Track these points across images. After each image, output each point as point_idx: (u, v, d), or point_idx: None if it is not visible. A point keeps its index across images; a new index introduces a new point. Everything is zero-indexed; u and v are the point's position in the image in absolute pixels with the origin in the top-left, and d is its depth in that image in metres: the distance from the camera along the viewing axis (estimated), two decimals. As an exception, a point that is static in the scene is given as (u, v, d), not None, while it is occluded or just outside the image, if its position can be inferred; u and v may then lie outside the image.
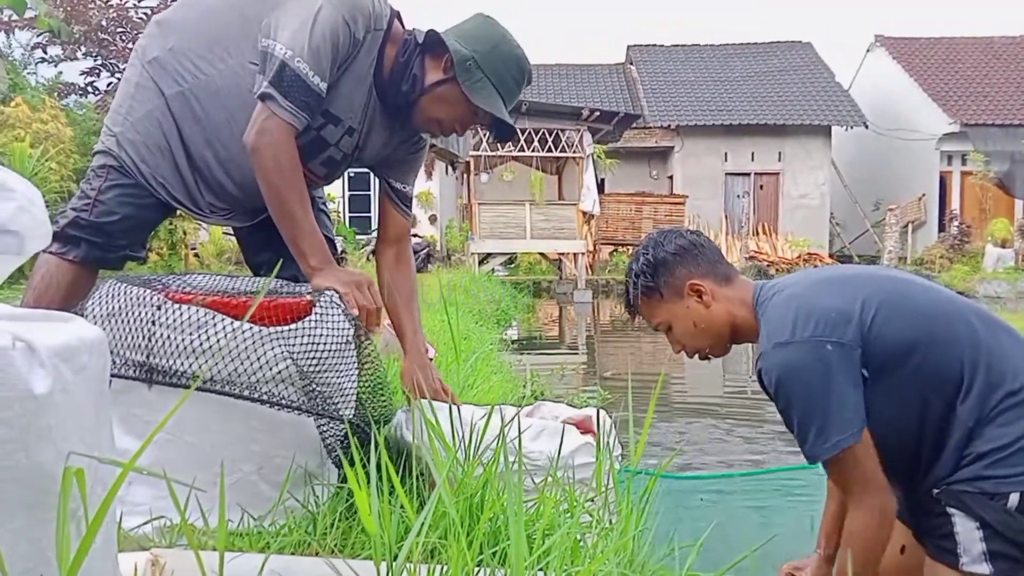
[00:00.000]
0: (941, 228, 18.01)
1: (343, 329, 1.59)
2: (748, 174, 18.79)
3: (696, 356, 1.75)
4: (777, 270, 15.61)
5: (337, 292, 1.58)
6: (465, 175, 15.58)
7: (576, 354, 9.19)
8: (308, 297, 1.54)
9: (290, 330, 1.46)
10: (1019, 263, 15.26)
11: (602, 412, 1.98)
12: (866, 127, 18.27)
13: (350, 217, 17.46)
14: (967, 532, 1.47)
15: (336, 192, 16.68)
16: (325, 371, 1.54)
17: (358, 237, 14.83)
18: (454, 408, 1.66)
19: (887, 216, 17.17)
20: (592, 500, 1.51)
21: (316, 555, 1.33)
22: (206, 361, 1.40)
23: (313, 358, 1.50)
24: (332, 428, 1.58)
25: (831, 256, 17.41)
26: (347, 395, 1.62)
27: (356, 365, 1.66)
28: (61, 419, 0.72)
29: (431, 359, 4.08)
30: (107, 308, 1.45)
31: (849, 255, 17.92)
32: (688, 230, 1.75)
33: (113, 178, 1.82)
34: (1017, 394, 1.45)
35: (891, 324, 1.49)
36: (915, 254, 17.23)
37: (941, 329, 1.50)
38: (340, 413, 1.58)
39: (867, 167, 19.73)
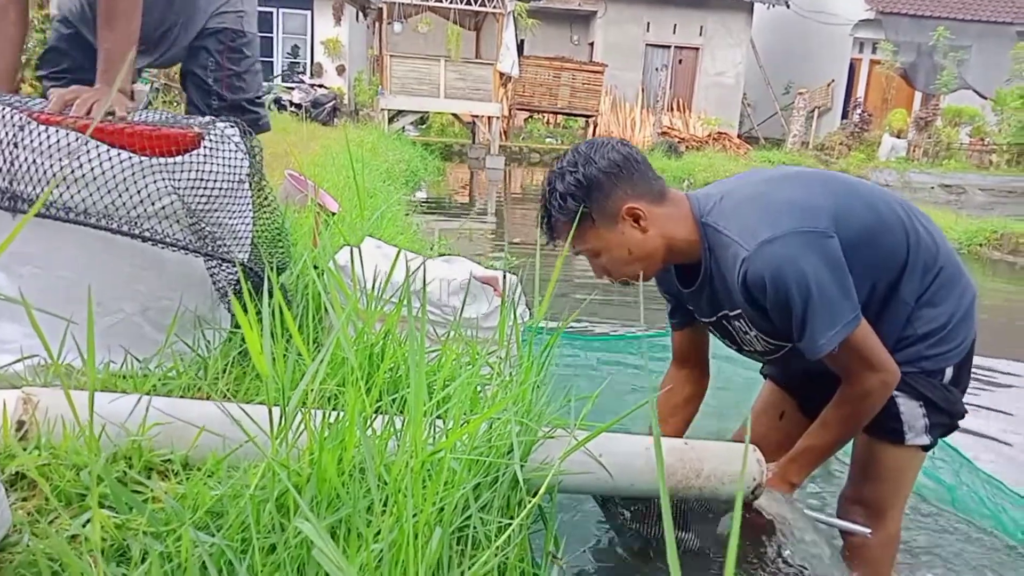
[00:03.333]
0: (844, 115, 18.50)
1: (236, 167, 1.48)
2: (668, 47, 18.53)
3: (615, 281, 1.61)
4: (687, 147, 15.79)
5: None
6: (377, 23, 14.63)
7: (485, 220, 9.15)
8: (196, 129, 1.41)
9: (175, 163, 1.34)
10: (910, 154, 16.00)
11: (509, 275, 1.97)
12: (788, 6, 18.19)
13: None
14: (911, 410, 1.56)
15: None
16: (215, 210, 1.44)
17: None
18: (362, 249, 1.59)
19: (796, 100, 17.45)
20: (493, 353, 1.52)
21: (207, 398, 1.29)
22: (78, 192, 1.27)
23: (202, 195, 1.40)
24: (224, 271, 1.49)
25: (739, 136, 17.71)
26: (240, 238, 1.53)
27: (251, 208, 1.56)
28: None
29: (333, 214, 3.96)
30: (-42, 125, 1.28)
31: (756, 137, 18.28)
32: (620, 141, 1.54)
33: None
34: (945, 269, 1.54)
35: (849, 213, 1.48)
36: (817, 139, 17.74)
37: (886, 216, 1.52)
38: (232, 256, 1.49)
39: (782, 49, 19.79)
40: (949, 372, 1.57)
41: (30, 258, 1.30)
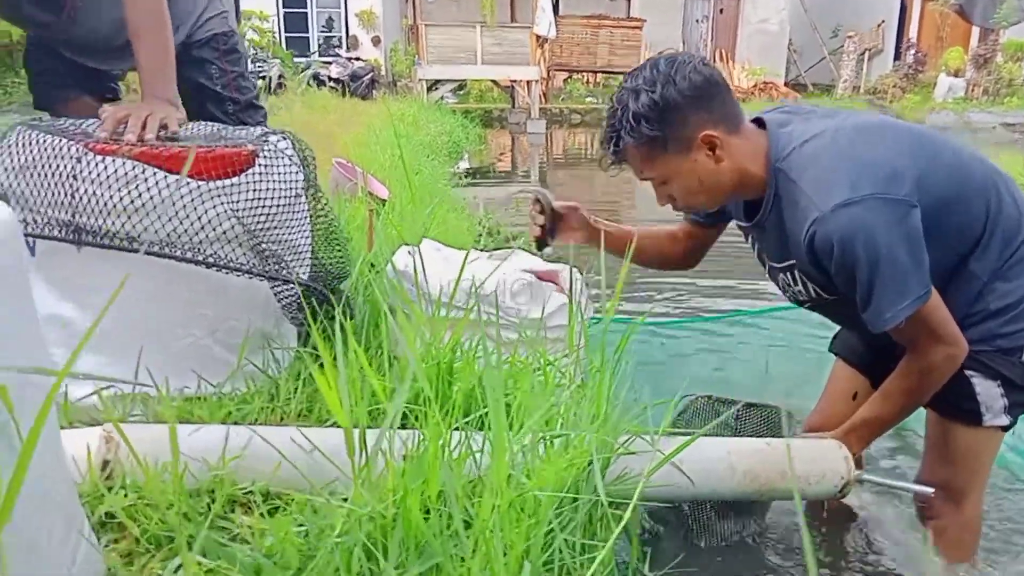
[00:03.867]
0: (897, 57, 17.74)
1: (292, 181, 1.45)
2: (708, -4, 17.97)
3: (679, 210, 1.55)
4: (732, 99, 15.32)
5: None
6: (410, -8, 14.50)
7: (529, 183, 9.08)
8: (250, 147, 1.38)
9: (233, 185, 1.32)
10: (969, 94, 15.28)
11: (573, 270, 1.92)
12: (832, -55, 17.42)
13: (286, 38, 16.26)
14: (988, 390, 1.49)
15: (270, 10, 15.39)
16: (275, 227, 1.42)
17: (296, 60, 13.90)
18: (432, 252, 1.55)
19: (845, 43, 16.77)
20: (564, 356, 1.47)
21: (281, 422, 1.28)
22: (140, 220, 1.25)
23: (260, 215, 1.37)
24: (287, 288, 1.48)
25: (786, 84, 17.13)
26: (300, 252, 1.51)
27: (309, 220, 1.53)
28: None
29: (383, 200, 3.94)
30: (19, 160, 1.27)
31: (804, 84, 17.66)
32: (701, 60, 1.42)
33: None
34: None
35: (932, 181, 1.38)
36: (869, 83, 17.06)
37: (969, 186, 1.43)
38: (293, 272, 1.47)
39: (829, -10, 19.01)
40: None
41: (99, 290, 1.30)
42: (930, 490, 1.57)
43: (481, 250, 2.05)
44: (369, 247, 2.25)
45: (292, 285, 1.46)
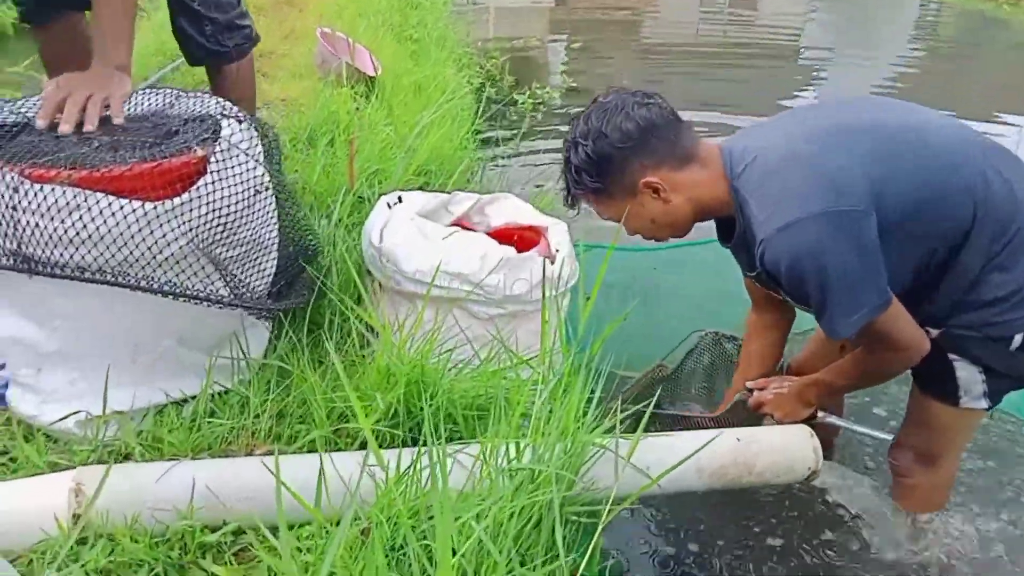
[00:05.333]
0: None
1: (251, 178, 1.37)
2: None
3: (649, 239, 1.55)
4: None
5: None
6: None
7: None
8: (199, 152, 1.29)
9: (183, 204, 1.24)
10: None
11: (561, 225, 1.85)
12: None
13: None
14: (969, 375, 1.49)
15: None
16: (234, 233, 1.35)
17: None
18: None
19: None
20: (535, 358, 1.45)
21: (250, 450, 1.30)
22: (88, 251, 1.20)
23: (218, 224, 1.31)
24: (256, 283, 1.44)
25: None
26: (266, 247, 1.46)
27: (275, 210, 1.46)
28: None
29: (373, 78, 3.72)
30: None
31: None
32: (637, 100, 1.39)
33: None
34: (1022, 231, 1.37)
35: (902, 179, 1.32)
36: None
37: (949, 182, 1.34)
38: (260, 272, 1.43)
39: None
40: (1019, 338, 1.44)
41: (59, 312, 1.28)
42: (889, 436, 1.66)
43: (471, 192, 1.97)
44: (351, 182, 2.17)
45: (262, 276, 1.43)
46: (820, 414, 1.65)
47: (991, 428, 2.11)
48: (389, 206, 1.82)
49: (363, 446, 1.35)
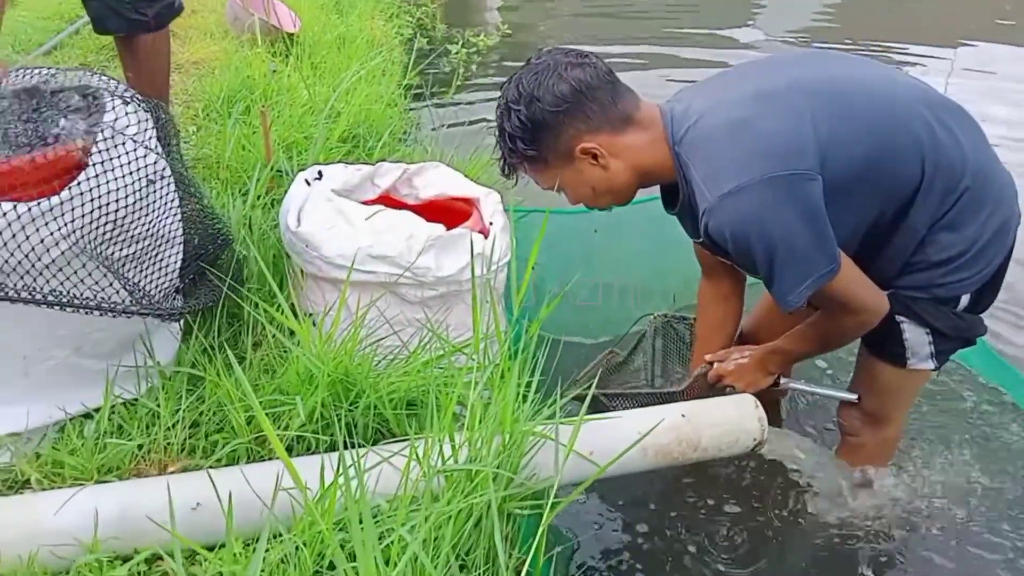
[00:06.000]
0: None
1: (142, 168, 1.23)
2: None
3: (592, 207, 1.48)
4: None
5: None
6: None
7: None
8: (80, 142, 1.14)
9: (63, 203, 1.11)
10: None
11: (494, 196, 1.75)
12: None
13: None
14: (916, 337, 1.47)
15: None
16: (129, 227, 1.23)
17: None
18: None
19: None
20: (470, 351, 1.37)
21: (163, 467, 1.20)
22: (-45, 263, 1.06)
23: (107, 222, 1.18)
24: (159, 280, 1.32)
25: None
26: (170, 239, 1.33)
27: (175, 199, 1.33)
28: None
29: (292, 35, 3.50)
30: None
31: None
32: (570, 60, 1.30)
33: None
34: (971, 191, 1.34)
35: (842, 144, 1.26)
36: None
37: (897, 139, 1.30)
38: (163, 268, 1.31)
39: None
40: (966, 299, 1.44)
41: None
42: (854, 396, 1.63)
43: (398, 161, 1.85)
44: (267, 156, 2.03)
45: (164, 284, 1.31)
46: (783, 381, 1.62)
47: (937, 380, 2.12)
48: (308, 183, 1.69)
49: (290, 450, 1.26)
